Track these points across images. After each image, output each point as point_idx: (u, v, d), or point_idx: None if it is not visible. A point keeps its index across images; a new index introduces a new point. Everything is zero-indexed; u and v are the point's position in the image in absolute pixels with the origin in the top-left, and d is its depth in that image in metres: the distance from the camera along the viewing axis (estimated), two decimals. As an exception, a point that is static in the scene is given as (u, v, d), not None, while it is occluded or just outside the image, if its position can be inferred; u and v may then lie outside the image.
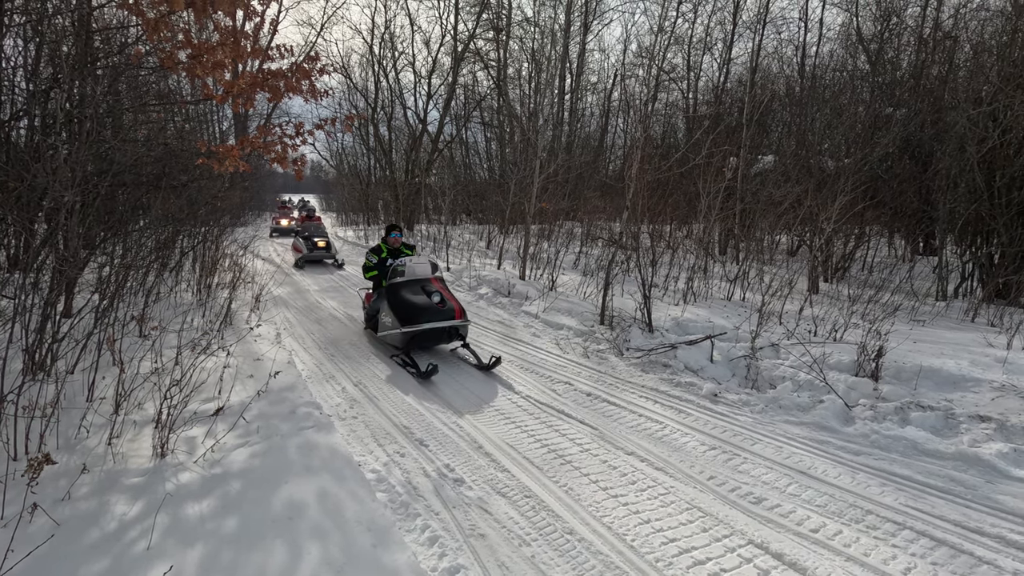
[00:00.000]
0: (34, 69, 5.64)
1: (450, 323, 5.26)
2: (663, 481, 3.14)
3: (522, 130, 16.71)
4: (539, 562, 2.41)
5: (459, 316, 5.35)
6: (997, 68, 8.47)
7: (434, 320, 5.18)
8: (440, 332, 5.26)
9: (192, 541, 2.36)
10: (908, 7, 14.06)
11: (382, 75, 21.31)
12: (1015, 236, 7.51)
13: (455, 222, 21.72)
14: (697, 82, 19.82)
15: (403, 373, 5.03)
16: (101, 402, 3.55)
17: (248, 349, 5.23)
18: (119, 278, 4.55)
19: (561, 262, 9.69)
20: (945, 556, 2.46)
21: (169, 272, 7.46)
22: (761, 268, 8.85)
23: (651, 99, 18.31)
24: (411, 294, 5.40)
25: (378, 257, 6.19)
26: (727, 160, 10.72)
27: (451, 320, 5.27)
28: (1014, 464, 3.18)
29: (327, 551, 2.34)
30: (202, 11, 3.53)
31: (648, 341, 5.59)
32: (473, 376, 5.01)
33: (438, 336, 5.32)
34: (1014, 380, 4.03)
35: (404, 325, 5.13)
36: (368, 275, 6.19)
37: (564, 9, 19.49)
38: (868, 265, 10.41)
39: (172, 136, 9.12)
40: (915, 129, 10.28)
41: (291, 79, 4.55)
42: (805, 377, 4.44)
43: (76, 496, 2.60)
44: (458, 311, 5.37)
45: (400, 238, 6.42)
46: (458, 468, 3.24)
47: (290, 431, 3.49)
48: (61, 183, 3.75)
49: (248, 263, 10.60)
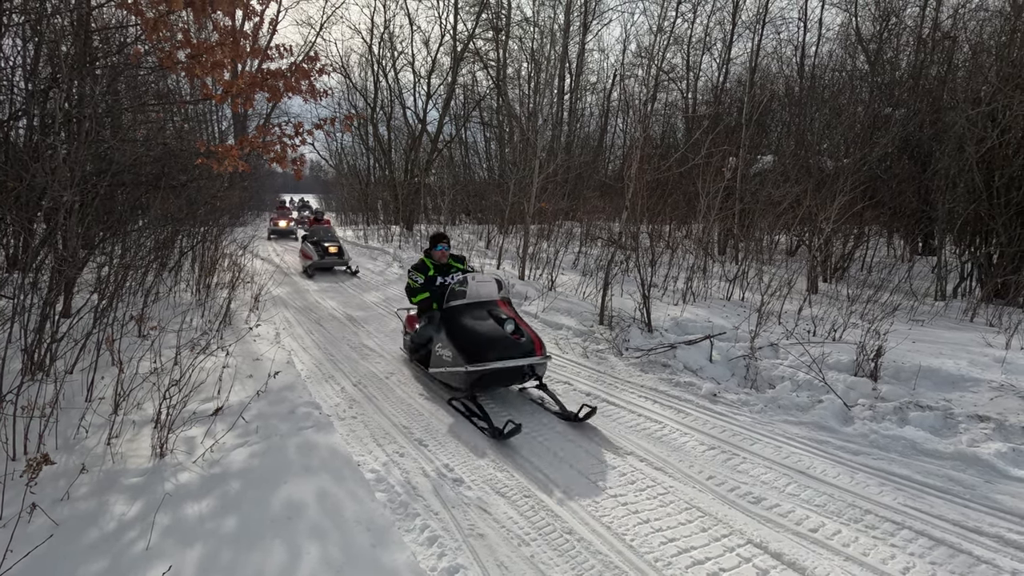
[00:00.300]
0: (33, 69, 5.63)
1: (530, 360, 4.10)
2: (662, 481, 3.14)
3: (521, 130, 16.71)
4: (538, 562, 2.41)
5: (539, 351, 4.19)
6: (996, 68, 8.48)
7: (509, 356, 4.04)
8: (514, 371, 4.11)
9: (191, 541, 2.36)
10: (907, 7, 14.08)
11: (381, 75, 21.32)
12: (1014, 236, 7.51)
13: (454, 222, 21.72)
14: (696, 82, 19.84)
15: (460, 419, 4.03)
16: (100, 402, 3.55)
17: (247, 349, 5.23)
18: (118, 278, 4.54)
19: (560, 262, 9.69)
20: (944, 555, 2.46)
21: (168, 272, 7.46)
22: (760, 268, 8.85)
23: (650, 99, 18.31)
24: (476, 321, 4.31)
25: (424, 276, 5.02)
26: (726, 160, 10.72)
27: (530, 357, 4.11)
28: (1012, 464, 3.19)
29: (326, 551, 2.34)
30: (201, 11, 3.53)
31: (647, 341, 5.60)
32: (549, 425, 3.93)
33: (511, 376, 4.19)
34: (1013, 380, 4.03)
35: (470, 362, 3.98)
36: (416, 299, 4.99)
37: (563, 9, 19.50)
38: (867, 265, 10.41)
39: (171, 136, 9.11)
40: (914, 129, 10.29)
41: (290, 79, 4.55)
42: (804, 377, 4.44)
43: (75, 496, 2.60)
44: (537, 344, 4.22)
45: (447, 251, 5.18)
46: (457, 468, 3.24)
47: (289, 431, 3.49)
48: (60, 183, 3.75)
49: (247, 263, 10.59)
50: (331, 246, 11.55)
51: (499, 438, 3.61)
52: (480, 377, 4.03)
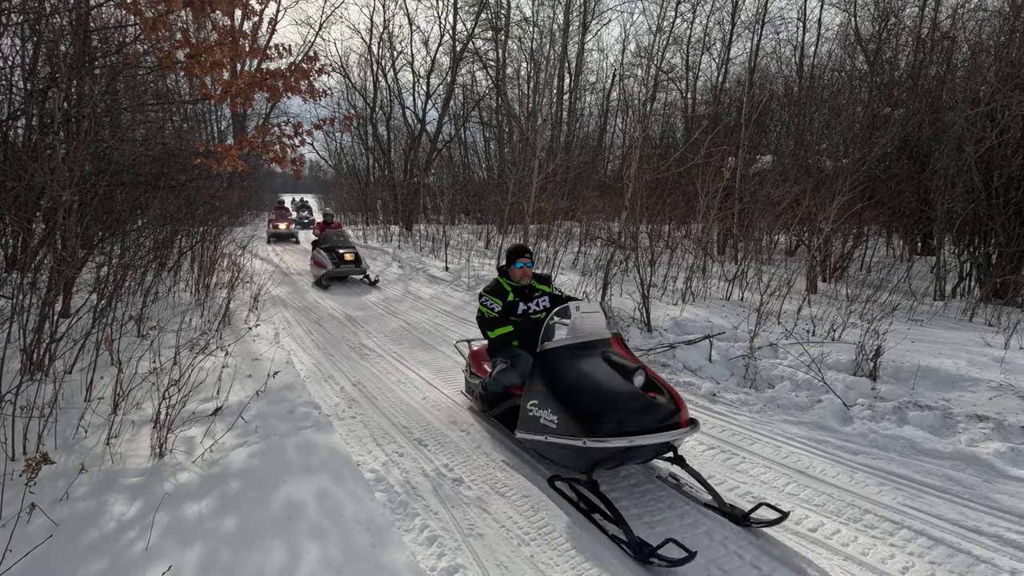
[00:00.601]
0: (32, 68, 5.62)
1: (675, 435, 2.71)
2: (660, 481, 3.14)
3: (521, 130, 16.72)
4: (538, 562, 2.41)
5: (684, 417, 2.82)
6: (995, 68, 8.49)
7: (647, 427, 2.66)
8: (652, 447, 2.73)
9: (191, 541, 2.36)
10: (906, 7, 14.08)
11: (381, 75, 21.30)
12: (1012, 236, 7.53)
13: (454, 222, 21.71)
14: (696, 82, 19.84)
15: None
16: (99, 402, 3.55)
17: (247, 349, 5.22)
18: (117, 278, 4.54)
19: (560, 262, 9.69)
20: (943, 555, 2.47)
21: (167, 272, 7.46)
22: (759, 268, 8.86)
23: (650, 99, 18.32)
24: (590, 372, 2.98)
25: (502, 302, 3.82)
26: (725, 160, 10.73)
27: (675, 428, 2.73)
28: (1011, 463, 3.19)
29: (326, 551, 2.34)
30: (200, 10, 3.53)
31: (647, 341, 5.60)
32: None
33: (645, 452, 2.84)
34: (1012, 379, 4.04)
35: (591, 434, 2.64)
36: (495, 334, 3.75)
37: (563, 9, 19.49)
38: (866, 265, 10.42)
39: (170, 136, 9.11)
40: (913, 129, 10.30)
41: (289, 79, 4.55)
42: (803, 377, 4.44)
43: (74, 496, 2.59)
44: (681, 405, 2.85)
45: (531, 268, 3.94)
46: (457, 468, 3.24)
47: (289, 431, 3.48)
48: (59, 183, 3.75)
49: (246, 263, 10.59)
50: (347, 252, 10.08)
51: (651, 561, 2.36)
52: (611, 455, 2.71)
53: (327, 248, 10.31)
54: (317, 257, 10.37)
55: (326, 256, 10.02)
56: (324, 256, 10.05)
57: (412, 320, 7.24)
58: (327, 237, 10.76)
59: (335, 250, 10.17)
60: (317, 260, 10.30)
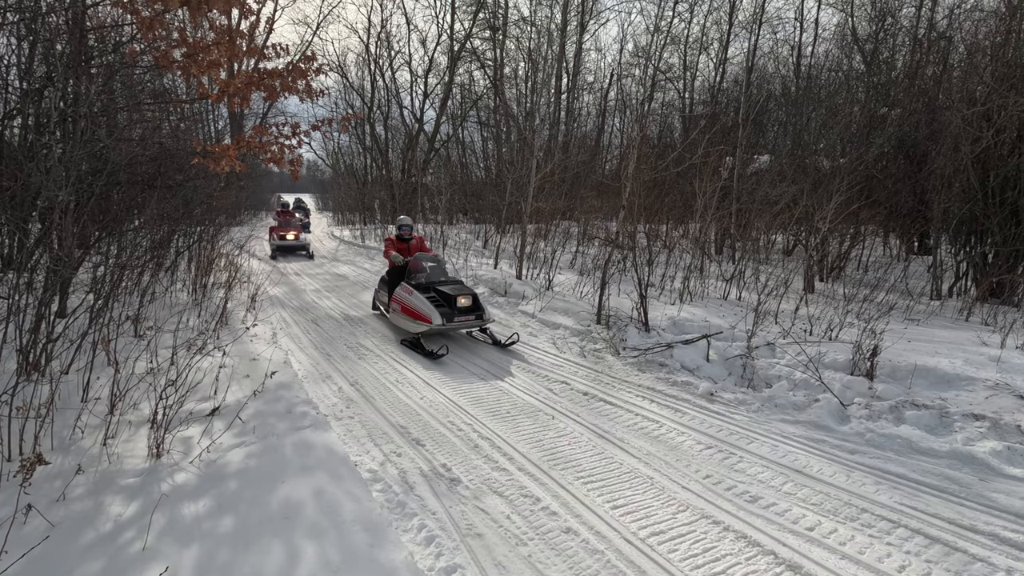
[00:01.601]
0: (28, 67, 5.60)
1: None
2: (659, 480, 3.15)
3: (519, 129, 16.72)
4: (536, 561, 2.41)
5: None
6: (991, 68, 8.52)
7: None
8: None
9: (188, 542, 2.35)
10: (903, 7, 14.12)
11: (378, 74, 21.29)
12: (1008, 235, 7.55)
13: (452, 222, 21.69)
14: (693, 82, 19.89)
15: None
16: (96, 402, 3.54)
17: (244, 349, 5.21)
18: (114, 278, 4.52)
19: (558, 262, 9.70)
20: (939, 554, 2.48)
21: (164, 272, 7.43)
22: (757, 267, 8.87)
23: (647, 99, 18.35)
24: None
25: None
26: (723, 160, 10.74)
27: None
28: (1007, 462, 3.20)
29: (324, 551, 2.34)
30: (197, 9, 3.52)
31: (644, 340, 5.60)
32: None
33: None
34: (1007, 379, 4.06)
35: None
36: None
37: (560, 8, 19.49)
38: (863, 264, 10.45)
39: (167, 135, 9.08)
40: (910, 129, 10.32)
41: (287, 78, 4.54)
42: (801, 376, 4.45)
43: (71, 497, 2.59)
44: None
45: None
46: (455, 467, 3.24)
47: (286, 430, 3.48)
48: (55, 182, 3.73)
49: (244, 263, 10.56)
50: (462, 297, 6.00)
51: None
52: None
53: (422, 286, 6.26)
54: (407, 302, 6.10)
55: (424, 302, 5.88)
56: (420, 302, 5.91)
57: (410, 320, 7.23)
58: (419, 269, 6.56)
59: (439, 291, 6.12)
60: (408, 307, 6.05)
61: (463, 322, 5.91)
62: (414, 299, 5.99)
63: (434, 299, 5.97)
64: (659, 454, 3.47)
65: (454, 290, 6.10)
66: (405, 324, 6.13)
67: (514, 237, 13.58)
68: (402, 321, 6.19)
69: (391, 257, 6.88)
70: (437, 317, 5.68)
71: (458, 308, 5.91)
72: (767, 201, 10.27)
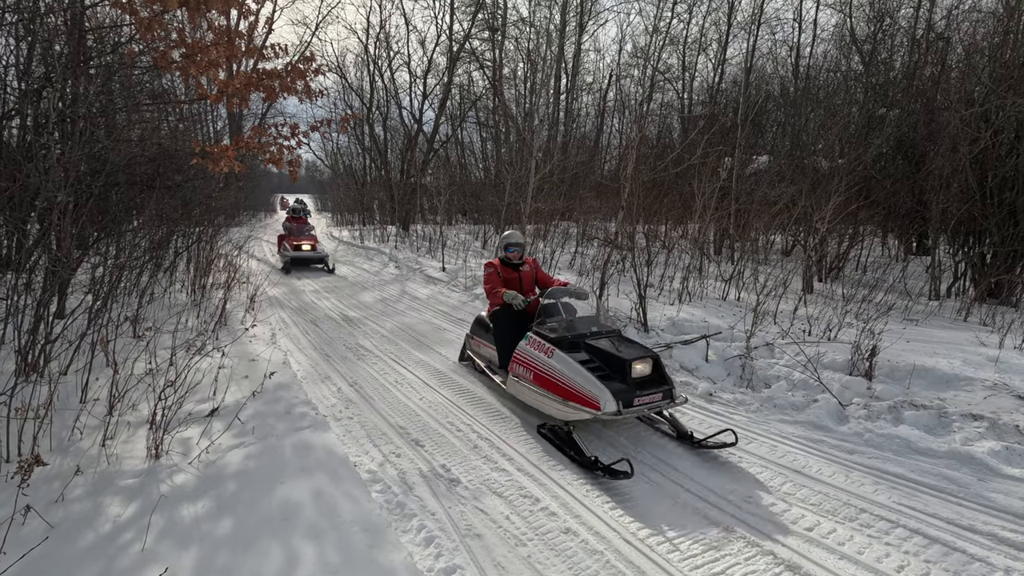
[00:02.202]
0: (26, 68, 5.60)
1: None
2: (658, 481, 3.15)
3: (518, 130, 16.72)
4: (535, 562, 2.41)
5: None
6: (989, 69, 8.54)
7: None
8: None
9: (187, 543, 2.35)
10: (901, 8, 14.14)
11: (377, 75, 21.27)
12: (1007, 236, 7.57)
13: (451, 222, 21.70)
14: (692, 82, 19.90)
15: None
16: (95, 403, 3.54)
17: (243, 350, 5.21)
18: (112, 279, 4.52)
19: (557, 262, 9.70)
20: (938, 554, 2.48)
21: (163, 272, 7.43)
22: (756, 268, 8.88)
23: (646, 99, 18.37)
24: None
25: None
26: (722, 160, 10.76)
27: None
28: (1006, 462, 3.21)
29: (323, 552, 2.34)
30: (196, 10, 3.52)
31: (644, 341, 5.60)
32: None
33: None
34: (1006, 379, 4.06)
35: None
36: None
37: (559, 9, 19.51)
38: (862, 265, 10.47)
39: (166, 136, 9.08)
40: (908, 130, 10.34)
41: (286, 79, 4.54)
42: (799, 376, 4.46)
43: (70, 498, 2.58)
44: None
45: None
46: (454, 468, 3.24)
47: (285, 431, 3.48)
48: (54, 183, 3.73)
49: (243, 263, 10.56)
50: (639, 363, 3.60)
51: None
52: None
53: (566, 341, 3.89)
54: (547, 369, 3.79)
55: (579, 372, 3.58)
56: (574, 372, 3.60)
57: (409, 320, 7.23)
58: (553, 307, 4.39)
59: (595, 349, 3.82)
60: (550, 377, 3.74)
61: (646, 403, 3.47)
62: (561, 366, 3.65)
63: (591, 364, 3.64)
64: (658, 454, 3.47)
65: (623, 349, 3.70)
66: (544, 404, 3.73)
67: (513, 238, 13.56)
68: (537, 398, 3.79)
69: (506, 298, 4.49)
70: (608, 399, 3.32)
71: (634, 379, 3.51)
72: (766, 202, 10.28)
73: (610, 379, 3.51)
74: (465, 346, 5.22)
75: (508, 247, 4.85)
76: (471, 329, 5.09)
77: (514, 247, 4.85)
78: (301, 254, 11.92)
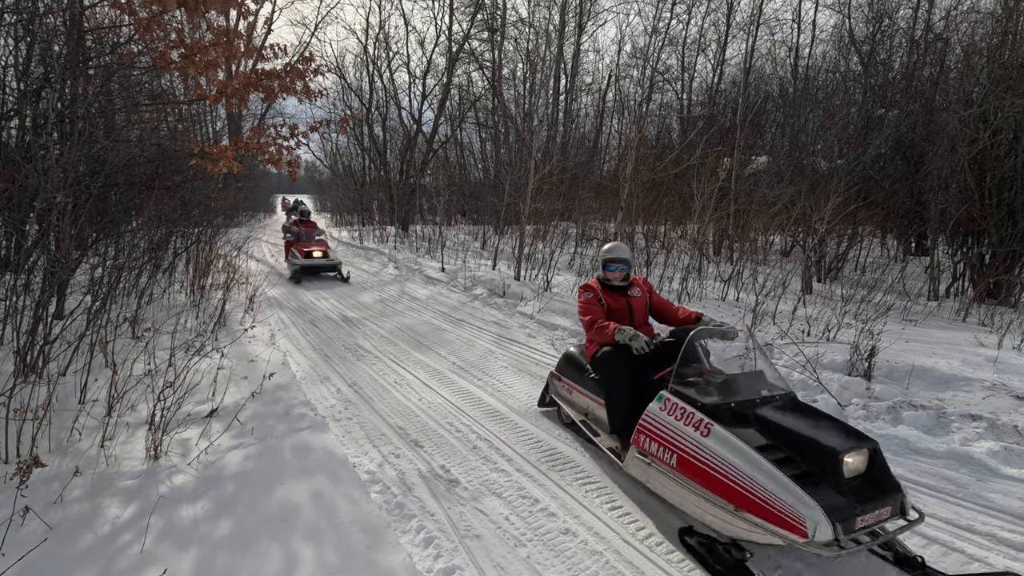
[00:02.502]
0: (25, 68, 5.59)
1: None
2: (658, 481, 3.15)
3: (517, 131, 16.73)
4: (535, 562, 2.41)
5: None
6: (987, 70, 8.56)
7: None
8: None
9: (186, 544, 2.35)
10: (900, 9, 14.17)
11: (376, 75, 21.30)
12: (1005, 236, 7.58)
13: (450, 222, 21.71)
14: (691, 83, 19.95)
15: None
16: (93, 404, 3.53)
17: (242, 350, 5.20)
18: (111, 279, 4.52)
19: (556, 263, 9.71)
20: (937, 554, 2.48)
21: (162, 273, 7.42)
22: (755, 268, 8.89)
23: (645, 100, 18.38)
24: None
25: None
26: (721, 161, 10.77)
27: None
28: (1004, 462, 3.21)
29: (322, 553, 2.34)
30: (194, 10, 3.52)
31: (643, 341, 5.60)
32: None
33: None
34: (1004, 379, 4.07)
35: None
36: None
37: (559, 10, 19.53)
38: (861, 265, 10.48)
39: (165, 136, 9.08)
40: (907, 130, 10.36)
41: (285, 79, 4.55)
42: (799, 377, 4.46)
43: (68, 499, 2.58)
44: None
45: None
46: (453, 469, 3.23)
47: (284, 432, 3.48)
48: (52, 184, 3.73)
49: (242, 264, 10.55)
50: (850, 455, 2.30)
51: None
52: None
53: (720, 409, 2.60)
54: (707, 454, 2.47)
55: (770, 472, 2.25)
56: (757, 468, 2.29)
57: (408, 321, 7.23)
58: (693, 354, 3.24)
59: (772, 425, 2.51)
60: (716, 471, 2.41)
61: (871, 523, 2.20)
62: (727, 452, 2.41)
63: (774, 452, 2.40)
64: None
65: (823, 431, 2.45)
66: (697, 505, 2.52)
67: (512, 238, 13.59)
68: (683, 494, 2.58)
69: (621, 337, 3.25)
70: (821, 520, 2.06)
71: (847, 482, 2.26)
72: (765, 202, 10.30)
73: (806, 479, 2.24)
74: (548, 388, 4.05)
75: (608, 264, 3.68)
76: (558, 367, 3.97)
77: (617, 264, 3.66)
78: (313, 262, 10.59)
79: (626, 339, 3.21)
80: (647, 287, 3.86)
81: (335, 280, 10.76)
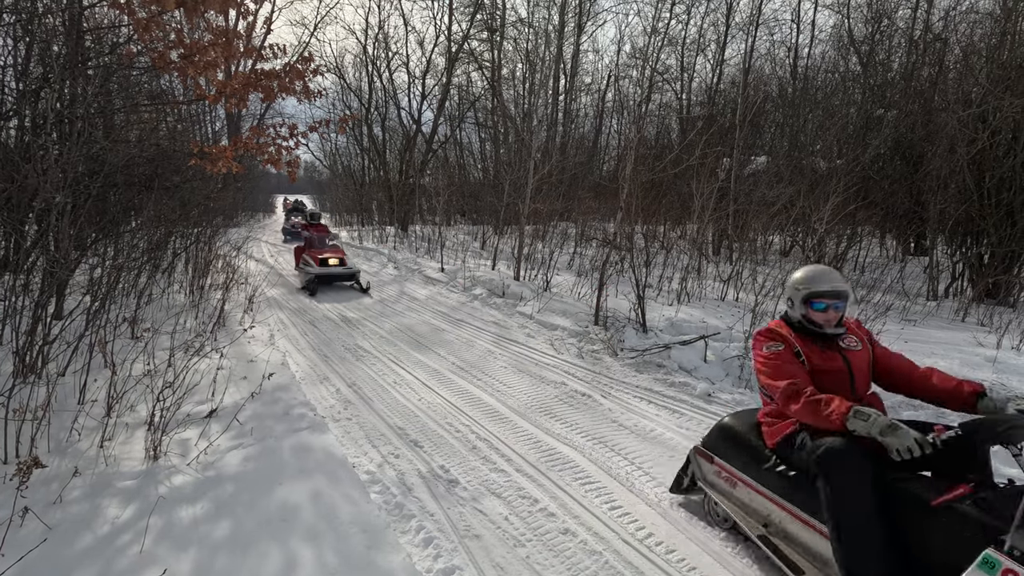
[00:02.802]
0: (24, 68, 5.58)
1: None
2: (659, 481, 3.15)
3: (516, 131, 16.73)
4: (534, 563, 2.41)
5: None
6: (986, 70, 8.57)
7: None
8: None
9: (185, 545, 2.34)
10: (899, 9, 14.19)
11: (376, 75, 21.31)
12: (1004, 236, 7.59)
13: (449, 223, 21.71)
14: (691, 83, 19.96)
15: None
16: (93, 405, 3.53)
17: (241, 351, 5.20)
18: (110, 280, 4.51)
19: (555, 263, 9.71)
20: None
21: (161, 273, 7.42)
22: (754, 268, 8.89)
23: (645, 100, 18.38)
24: None
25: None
26: (720, 161, 10.77)
27: None
28: (1003, 463, 3.21)
29: (321, 553, 2.34)
30: (193, 10, 3.52)
31: (642, 341, 5.61)
32: None
33: None
34: (1004, 379, 4.07)
35: None
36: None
37: (558, 10, 19.54)
38: (860, 265, 10.49)
39: (164, 137, 9.07)
40: (906, 130, 10.37)
41: (284, 79, 4.55)
42: (798, 377, 4.46)
43: (68, 500, 2.58)
44: None
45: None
46: (453, 469, 3.23)
47: (284, 432, 3.47)
48: (52, 184, 3.73)
49: (241, 264, 10.55)
50: None
51: None
52: None
53: None
54: None
55: None
56: None
57: (407, 321, 7.23)
58: None
59: None
60: None
61: None
62: None
63: None
64: (657, 455, 3.47)
65: None
66: None
67: (512, 238, 13.59)
68: None
69: (858, 424, 1.94)
70: None
71: None
72: (764, 202, 10.30)
73: None
74: (688, 468, 2.84)
75: (815, 300, 2.34)
76: (709, 444, 2.74)
77: (831, 301, 2.33)
78: (328, 270, 9.34)
79: (874, 431, 1.90)
80: (865, 334, 2.49)
81: (338, 287, 10.63)
